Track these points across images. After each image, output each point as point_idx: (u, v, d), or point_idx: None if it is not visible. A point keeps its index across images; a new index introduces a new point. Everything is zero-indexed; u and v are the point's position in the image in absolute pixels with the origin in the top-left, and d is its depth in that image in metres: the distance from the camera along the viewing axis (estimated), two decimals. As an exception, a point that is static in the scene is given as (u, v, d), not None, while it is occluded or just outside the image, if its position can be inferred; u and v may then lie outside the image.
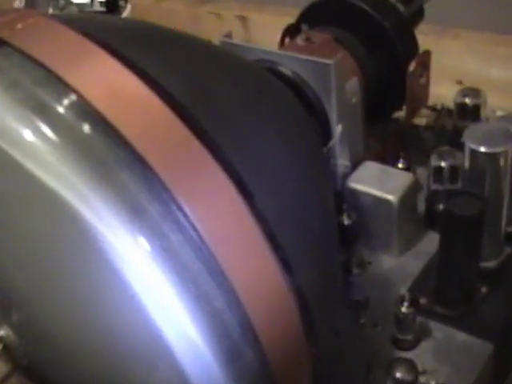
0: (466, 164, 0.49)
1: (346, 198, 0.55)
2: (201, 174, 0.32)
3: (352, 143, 0.56)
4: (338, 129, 0.52)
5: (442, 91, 0.72)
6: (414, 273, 0.54)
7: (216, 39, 0.54)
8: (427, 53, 0.58)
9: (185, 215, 0.31)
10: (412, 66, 0.56)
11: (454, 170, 0.54)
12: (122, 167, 0.31)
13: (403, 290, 0.52)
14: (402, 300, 0.47)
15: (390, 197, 0.53)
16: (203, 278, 0.31)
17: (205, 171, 0.32)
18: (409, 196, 0.54)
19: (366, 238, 0.55)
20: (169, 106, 0.33)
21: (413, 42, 0.58)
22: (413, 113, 0.60)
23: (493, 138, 0.47)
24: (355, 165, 0.56)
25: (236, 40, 0.55)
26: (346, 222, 0.54)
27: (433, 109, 0.73)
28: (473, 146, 0.48)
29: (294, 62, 0.51)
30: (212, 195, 0.32)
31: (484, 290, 0.51)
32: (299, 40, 0.55)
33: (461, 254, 0.47)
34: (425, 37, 0.84)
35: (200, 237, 0.31)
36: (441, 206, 0.54)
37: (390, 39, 0.57)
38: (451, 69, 0.82)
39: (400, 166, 0.59)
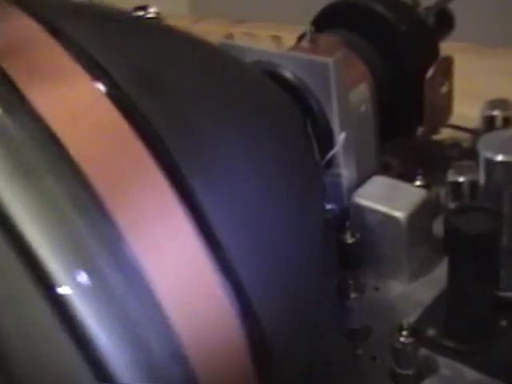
0: (482, 177, 0.43)
1: (350, 215, 0.49)
2: (155, 210, 0.28)
3: (362, 156, 0.50)
4: (340, 137, 0.47)
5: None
6: (425, 302, 0.48)
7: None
8: (448, 59, 0.52)
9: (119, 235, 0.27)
10: (429, 73, 0.51)
11: (474, 186, 0.48)
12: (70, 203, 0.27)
13: (411, 320, 0.46)
14: (400, 328, 0.41)
15: (397, 213, 0.47)
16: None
17: (161, 208, 0.28)
18: (420, 214, 0.48)
19: (372, 261, 0.50)
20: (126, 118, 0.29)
21: (433, 49, 0.53)
22: (433, 127, 0.54)
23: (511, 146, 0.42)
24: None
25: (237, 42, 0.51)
26: (350, 240, 0.48)
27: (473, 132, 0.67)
28: (488, 155, 0.42)
29: (292, 63, 0.47)
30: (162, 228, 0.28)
31: (504, 323, 0.44)
32: (304, 42, 0.51)
33: (471, 280, 0.41)
34: (461, 55, 0.79)
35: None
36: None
37: (406, 44, 0.52)
38: (489, 90, 0.76)
39: (417, 184, 0.53)
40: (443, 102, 0.53)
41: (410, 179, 0.54)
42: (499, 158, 0.41)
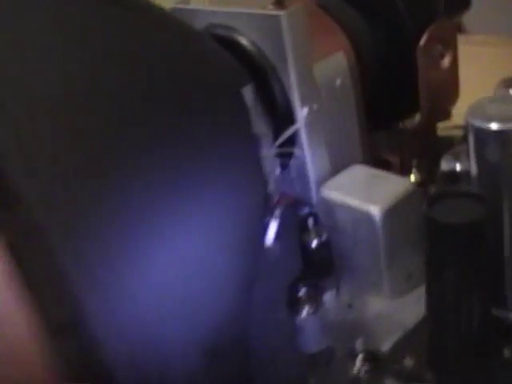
0: (472, 156, 0.33)
1: (318, 211, 0.40)
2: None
3: (338, 141, 0.41)
4: (300, 113, 0.38)
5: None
6: (409, 324, 0.37)
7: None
8: (449, 23, 0.42)
9: None
10: (423, 40, 0.41)
11: (472, 176, 0.37)
12: None
13: (386, 346, 0.36)
14: (351, 354, 0.31)
15: (371, 208, 0.37)
16: None
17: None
18: (404, 210, 0.37)
19: (345, 270, 0.40)
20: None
21: (430, 15, 0.43)
22: (434, 111, 0.44)
23: (508, 112, 0.31)
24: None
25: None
26: (314, 242, 0.39)
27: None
28: (478, 124, 0.32)
29: (243, 22, 0.38)
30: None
31: (507, 353, 0.33)
32: (269, 5, 0.42)
33: (453, 289, 0.31)
34: (492, 48, 0.69)
35: None
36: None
37: (396, 8, 0.43)
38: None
39: (411, 179, 0.43)
40: (445, 79, 0.43)
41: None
42: (493, 126, 0.31)
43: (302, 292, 0.34)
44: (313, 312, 0.34)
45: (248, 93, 0.34)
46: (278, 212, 0.46)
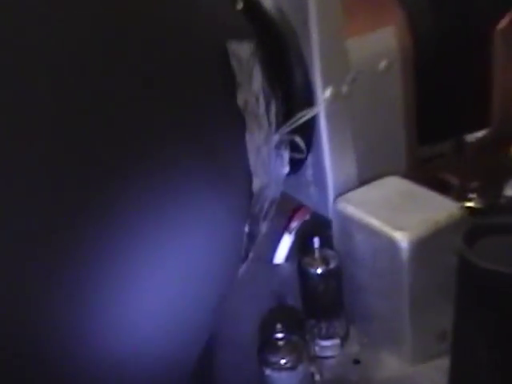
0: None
1: (333, 229, 0.30)
2: None
3: (374, 141, 0.31)
4: (323, 95, 0.29)
5: None
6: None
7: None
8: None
9: None
10: (502, 24, 0.31)
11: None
12: None
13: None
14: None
15: (397, 234, 0.27)
16: None
17: None
18: (442, 242, 0.27)
19: (357, 313, 0.30)
20: None
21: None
22: (505, 120, 0.33)
23: None
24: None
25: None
26: (318, 269, 0.29)
27: None
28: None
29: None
30: None
31: None
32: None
33: (488, 363, 0.21)
34: None
35: None
36: None
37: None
38: None
39: (469, 204, 0.33)
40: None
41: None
42: None
43: (280, 337, 0.25)
44: (291, 366, 0.25)
45: (242, 50, 0.25)
46: (294, 226, 0.37)
